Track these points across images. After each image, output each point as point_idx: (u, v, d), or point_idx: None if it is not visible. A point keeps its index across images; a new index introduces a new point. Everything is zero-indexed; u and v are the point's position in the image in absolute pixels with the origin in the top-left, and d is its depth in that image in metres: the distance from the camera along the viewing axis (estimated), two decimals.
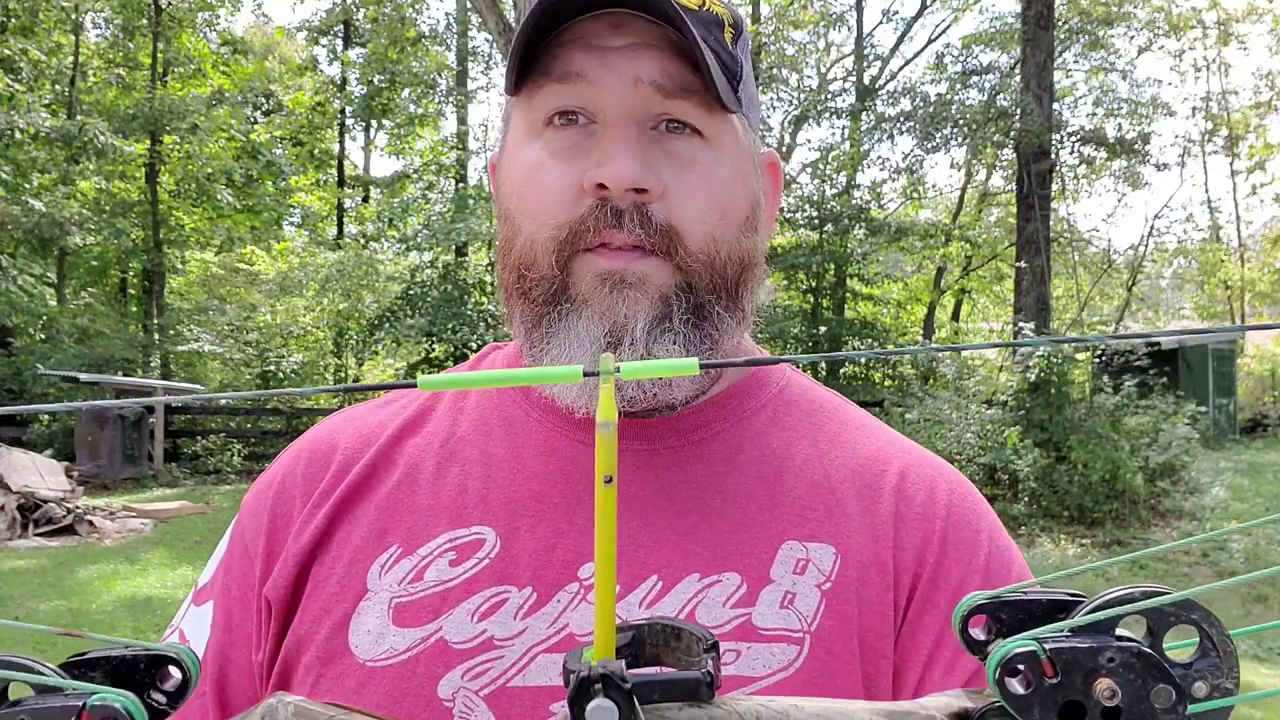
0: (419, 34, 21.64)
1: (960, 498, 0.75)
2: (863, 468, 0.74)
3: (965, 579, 0.70)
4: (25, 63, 17.56)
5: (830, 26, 21.60)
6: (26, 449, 10.30)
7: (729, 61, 0.69)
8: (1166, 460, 10.01)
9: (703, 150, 0.69)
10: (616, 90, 0.66)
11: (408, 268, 18.03)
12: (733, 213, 0.70)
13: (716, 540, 0.70)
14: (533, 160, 0.70)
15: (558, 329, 0.68)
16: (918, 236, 19.20)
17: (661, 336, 0.67)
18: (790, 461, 0.74)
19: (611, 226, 0.66)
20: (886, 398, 13.67)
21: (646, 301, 0.67)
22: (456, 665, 0.67)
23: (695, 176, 0.68)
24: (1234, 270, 28.17)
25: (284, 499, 0.77)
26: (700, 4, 0.69)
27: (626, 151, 0.66)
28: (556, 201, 0.68)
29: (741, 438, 0.75)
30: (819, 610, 0.68)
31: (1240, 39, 26.39)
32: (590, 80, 0.67)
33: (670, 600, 0.68)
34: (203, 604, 0.78)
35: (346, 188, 23.59)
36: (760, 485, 0.72)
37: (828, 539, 0.70)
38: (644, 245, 0.67)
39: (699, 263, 0.68)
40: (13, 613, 5.78)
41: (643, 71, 0.66)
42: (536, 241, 0.69)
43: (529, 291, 0.70)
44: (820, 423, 0.78)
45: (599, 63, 0.66)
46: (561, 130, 0.69)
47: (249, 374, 17.29)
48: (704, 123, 0.68)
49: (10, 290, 15.26)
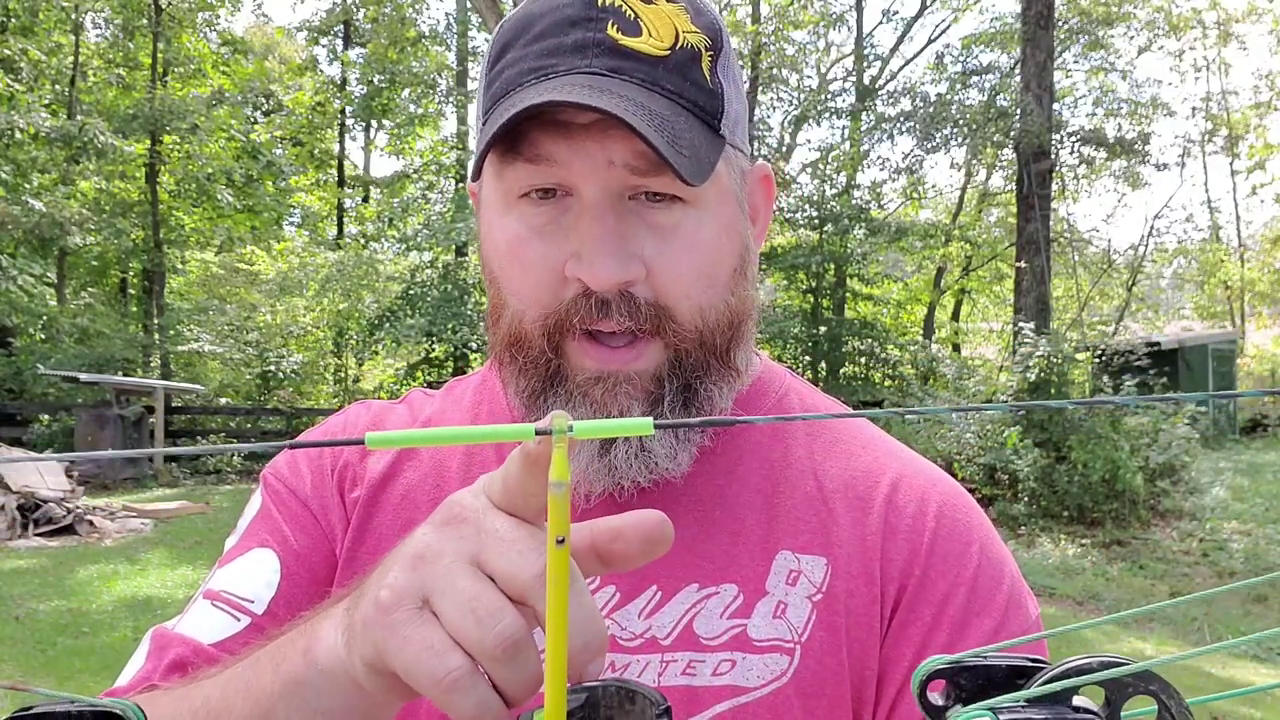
0: (419, 34, 21.63)
1: (951, 509, 0.75)
2: (856, 479, 0.75)
3: (951, 591, 0.70)
4: (25, 63, 17.56)
5: (830, 26, 21.60)
6: (27, 449, 10.30)
7: (707, 102, 0.68)
8: (1166, 460, 10.01)
9: (685, 215, 0.67)
10: (589, 174, 0.65)
11: (408, 268, 18.02)
12: (720, 274, 0.70)
13: (716, 552, 0.71)
14: (513, 234, 0.69)
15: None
16: (918, 236, 19.19)
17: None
18: (787, 472, 0.75)
19: (599, 316, 0.66)
20: (886, 398, 13.67)
21: (641, 394, 0.68)
22: None
23: (678, 247, 0.67)
24: (1234, 270, 28.17)
25: (335, 463, 0.79)
26: (672, 44, 0.66)
27: (605, 249, 0.65)
28: (540, 284, 0.68)
29: (742, 449, 0.76)
30: (810, 621, 0.69)
31: (1240, 39, 26.39)
32: (561, 164, 0.65)
33: (669, 610, 0.69)
34: (247, 552, 0.76)
35: (346, 188, 23.59)
36: (758, 497, 0.73)
37: (820, 550, 0.71)
38: (633, 330, 0.67)
39: (688, 338, 0.68)
40: (13, 613, 5.78)
41: (615, 155, 0.65)
42: (524, 320, 0.69)
43: (524, 368, 0.70)
44: (817, 432, 0.79)
45: (568, 146, 0.65)
46: (539, 205, 0.68)
47: (249, 374, 17.28)
48: (684, 190, 0.67)
49: (10, 290, 15.27)
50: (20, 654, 5.01)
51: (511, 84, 0.67)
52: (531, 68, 0.66)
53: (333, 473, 0.78)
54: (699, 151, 0.65)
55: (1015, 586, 0.73)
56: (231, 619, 0.73)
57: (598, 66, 0.65)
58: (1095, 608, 7.11)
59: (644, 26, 0.66)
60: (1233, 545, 8.87)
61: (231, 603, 0.73)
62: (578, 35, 0.66)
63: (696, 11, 0.69)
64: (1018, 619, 0.71)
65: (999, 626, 0.70)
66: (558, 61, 0.66)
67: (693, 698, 0.67)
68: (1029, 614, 0.72)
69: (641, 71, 0.65)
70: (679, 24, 0.67)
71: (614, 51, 0.65)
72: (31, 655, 5.00)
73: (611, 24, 0.66)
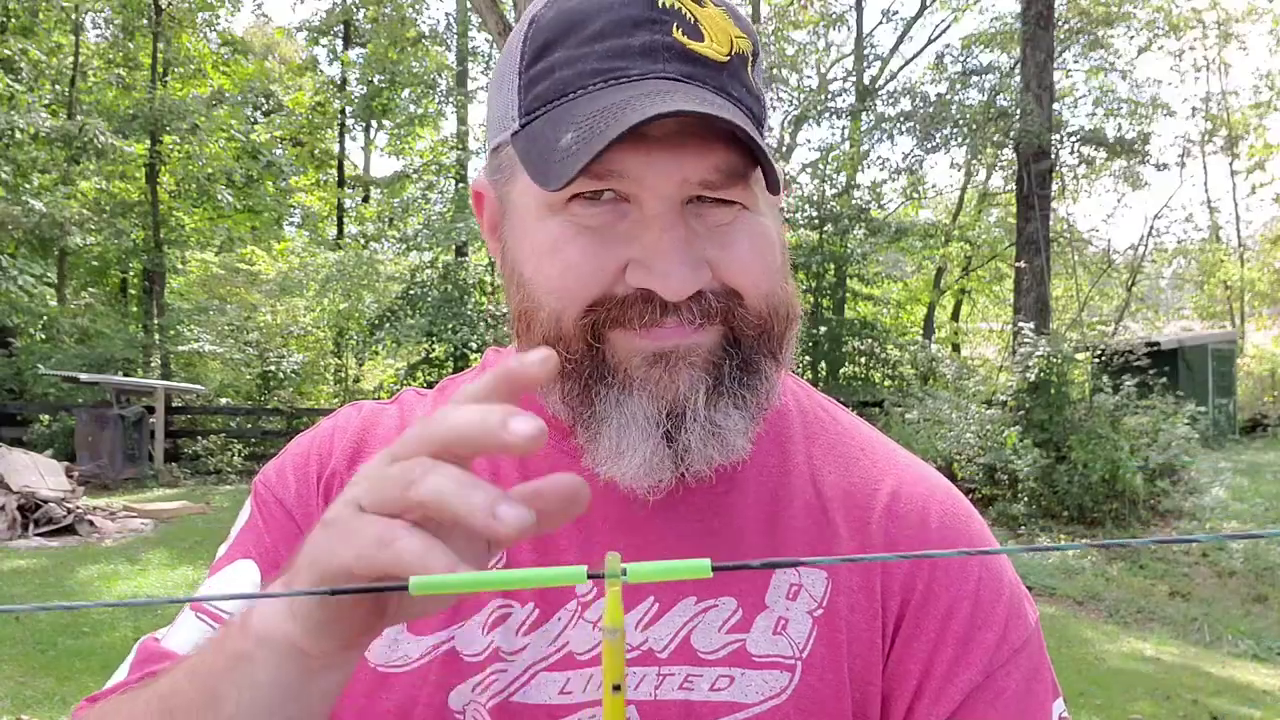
0: (419, 34, 21.64)
1: (952, 519, 0.74)
2: (855, 487, 0.74)
3: (954, 606, 0.69)
4: (25, 63, 17.56)
5: (830, 26, 21.61)
6: (27, 449, 10.30)
7: (757, 108, 0.66)
8: (1166, 460, 10.02)
9: (740, 213, 0.66)
10: (661, 190, 0.62)
11: (408, 268, 18.03)
12: (777, 266, 0.68)
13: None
14: (556, 234, 0.64)
15: (609, 410, 0.65)
16: (918, 236, 19.20)
17: (720, 401, 0.65)
18: (786, 480, 0.73)
19: (664, 318, 0.63)
20: (886, 398, 13.66)
21: (703, 366, 0.65)
22: (468, 678, 0.67)
23: (740, 242, 0.65)
24: (1234, 270, 28.18)
25: (321, 473, 0.77)
26: (729, 51, 0.64)
27: (677, 259, 0.62)
28: (586, 280, 0.64)
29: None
30: (810, 637, 0.68)
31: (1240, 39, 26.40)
32: (633, 178, 0.62)
33: (666, 622, 0.68)
34: (231, 563, 0.76)
35: (346, 188, 23.59)
36: (757, 507, 0.72)
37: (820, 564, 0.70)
38: (703, 320, 0.64)
39: (752, 323, 0.66)
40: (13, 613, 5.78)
41: (689, 170, 0.62)
42: (564, 319, 0.64)
43: (565, 369, 0.65)
44: (815, 437, 0.77)
45: (642, 161, 0.61)
46: (591, 205, 0.64)
47: (249, 374, 17.28)
48: (745, 196, 0.65)
49: (10, 290, 15.27)
50: (20, 654, 5.01)
51: (572, 85, 0.63)
52: (596, 69, 0.62)
53: (319, 481, 0.76)
54: (770, 159, 0.63)
55: (1014, 594, 0.72)
56: (210, 630, 0.73)
57: (672, 72, 0.62)
58: (1095, 608, 7.11)
59: (704, 31, 0.64)
60: (1232, 545, 8.87)
61: (212, 614, 0.73)
62: (645, 38, 0.62)
63: (736, 16, 0.67)
64: (1018, 629, 0.70)
65: (1001, 639, 0.69)
66: (627, 65, 0.62)
67: (690, 713, 0.66)
68: (1028, 622, 0.72)
69: (712, 78, 0.63)
70: (730, 29, 0.65)
71: (684, 56, 0.63)
72: (31, 655, 5.00)
73: (676, 27, 0.63)
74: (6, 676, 4.64)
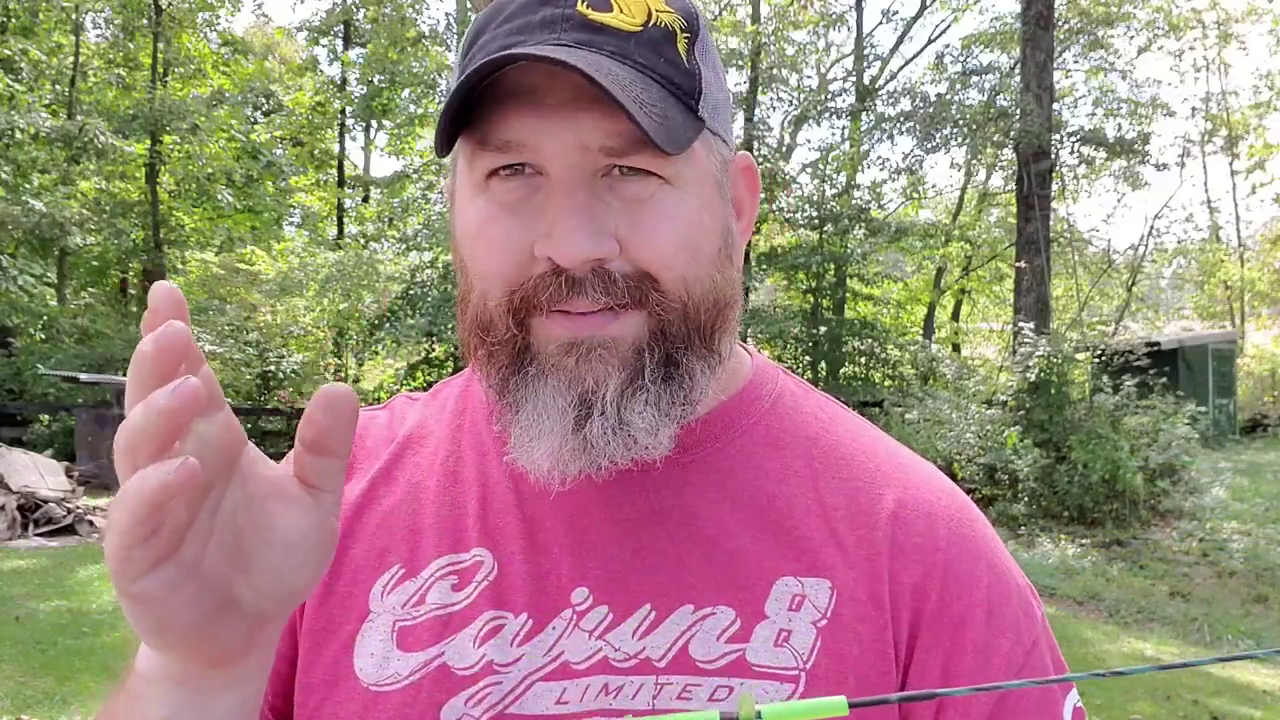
0: (419, 34, 21.64)
1: (958, 524, 0.72)
2: (859, 492, 0.72)
3: (968, 614, 0.68)
4: (25, 63, 17.57)
5: (830, 26, 21.61)
6: (27, 449, 10.31)
7: (683, 80, 0.65)
8: (1166, 460, 10.02)
9: (660, 189, 0.64)
10: (559, 155, 0.62)
11: (408, 268, 18.03)
12: (702, 249, 0.66)
13: (710, 571, 0.68)
14: (482, 213, 0.66)
15: (525, 396, 0.65)
16: (918, 236, 19.20)
17: (634, 398, 0.64)
18: (785, 486, 0.72)
19: (570, 295, 0.63)
20: (886, 398, 13.67)
21: (617, 361, 0.64)
22: (459, 692, 0.66)
23: (655, 217, 0.64)
24: (1234, 270, 28.19)
25: None
26: (644, 21, 0.64)
27: (575, 224, 0.61)
28: (508, 262, 0.64)
29: (734, 460, 0.73)
30: (815, 647, 0.66)
31: (1240, 39, 26.40)
32: (530, 147, 0.62)
33: (664, 631, 0.66)
34: None
35: (346, 188, 23.59)
36: (754, 513, 0.70)
37: (823, 573, 0.68)
38: (612, 306, 0.63)
39: (673, 309, 0.65)
40: (13, 613, 5.78)
41: (588, 137, 0.62)
42: (489, 302, 0.66)
43: (492, 354, 0.67)
44: (815, 438, 0.75)
45: (537, 127, 0.62)
46: (507, 180, 0.65)
47: (249, 374, 17.29)
48: (659, 166, 0.64)
49: (10, 290, 15.27)
50: (20, 654, 5.01)
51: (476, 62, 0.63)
52: (498, 45, 0.64)
53: None
54: (673, 123, 0.62)
55: (1022, 594, 0.72)
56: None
57: (567, 40, 0.62)
58: (1095, 608, 7.11)
59: (614, 3, 0.64)
60: (1233, 545, 8.87)
61: None
62: (547, 12, 0.64)
63: None
64: (1030, 629, 0.70)
65: (1015, 642, 0.68)
66: (525, 38, 0.63)
67: None
68: (1036, 618, 0.71)
69: (613, 44, 0.63)
70: (652, 4, 0.65)
71: (584, 26, 0.63)
72: (31, 655, 5.00)
73: (582, 1, 0.64)
74: (6, 676, 4.64)
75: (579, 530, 0.70)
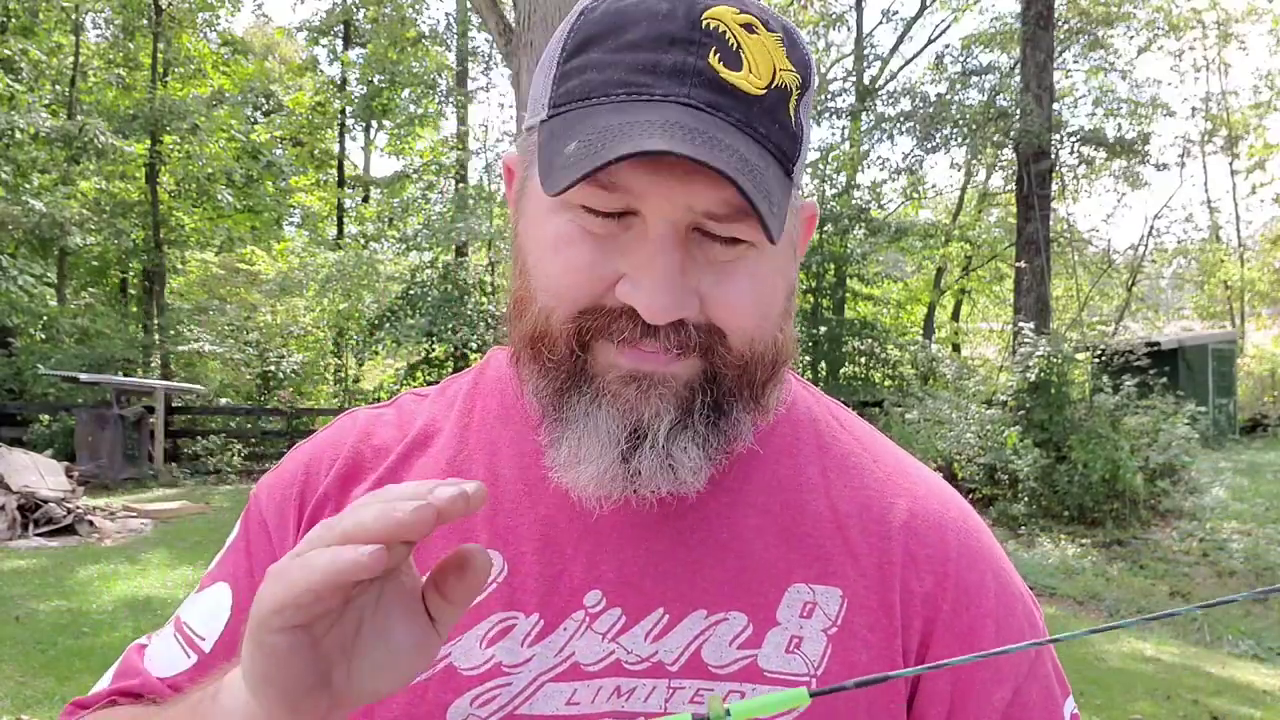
0: (419, 34, 21.63)
1: (966, 534, 0.73)
2: (871, 500, 0.73)
3: (977, 624, 0.69)
4: (25, 63, 17.56)
5: (830, 26, 21.62)
6: (27, 449, 10.31)
7: (788, 146, 0.64)
8: (1166, 460, 10.02)
9: (745, 254, 0.64)
10: (666, 211, 0.61)
11: (408, 268, 18.03)
12: (772, 309, 0.67)
13: (724, 577, 0.68)
14: (562, 232, 0.64)
15: (577, 416, 0.65)
16: (918, 236, 19.22)
17: (680, 435, 0.64)
18: (798, 495, 0.72)
19: (643, 339, 0.63)
20: (886, 398, 13.66)
21: (674, 399, 0.64)
22: (465, 691, 0.67)
23: (736, 283, 0.64)
24: (1234, 270, 28.18)
25: (308, 497, 0.76)
26: (768, 84, 0.63)
27: (666, 284, 0.61)
28: (582, 287, 0.64)
29: (749, 466, 0.73)
30: (825, 655, 0.67)
31: (1240, 39, 26.40)
32: (637, 196, 0.61)
33: (677, 635, 0.67)
34: (211, 585, 0.77)
35: (346, 188, 23.59)
36: (768, 520, 0.71)
37: (835, 581, 0.69)
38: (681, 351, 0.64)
39: (733, 364, 0.65)
40: (13, 613, 5.78)
41: (696, 201, 0.61)
42: (553, 318, 0.65)
43: (547, 368, 0.66)
44: (827, 447, 0.76)
45: (651, 181, 0.60)
46: (598, 216, 0.63)
47: (249, 374, 17.29)
48: (754, 235, 0.63)
49: (10, 290, 15.27)
50: (20, 654, 5.01)
51: (597, 91, 0.63)
52: (622, 80, 0.62)
53: (305, 504, 0.75)
54: (780, 204, 0.61)
55: (1025, 603, 0.73)
56: (184, 654, 0.74)
57: (695, 99, 0.61)
58: (1095, 608, 7.11)
59: (745, 59, 0.62)
60: (1233, 545, 8.87)
61: (188, 637, 0.74)
62: (677, 57, 0.61)
63: (793, 44, 0.66)
64: (1034, 637, 0.71)
65: (1023, 651, 0.69)
66: (653, 83, 0.61)
67: None
68: (1039, 627, 0.73)
69: (738, 111, 0.62)
70: (777, 60, 0.64)
71: (713, 85, 0.61)
72: (31, 655, 5.00)
73: (714, 51, 0.61)
74: (6, 676, 4.64)
75: (593, 533, 0.70)
